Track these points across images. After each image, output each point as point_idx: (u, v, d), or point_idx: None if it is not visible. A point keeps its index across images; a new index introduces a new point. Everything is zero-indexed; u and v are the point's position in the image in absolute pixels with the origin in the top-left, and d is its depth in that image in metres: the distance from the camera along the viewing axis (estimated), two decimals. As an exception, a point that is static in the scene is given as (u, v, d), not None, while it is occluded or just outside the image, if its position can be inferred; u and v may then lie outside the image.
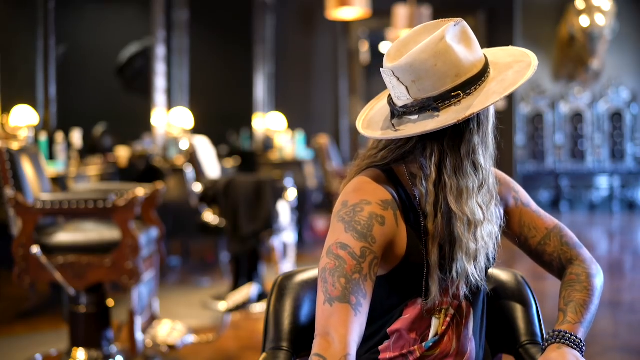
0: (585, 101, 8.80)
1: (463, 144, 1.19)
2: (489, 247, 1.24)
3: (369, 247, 1.14)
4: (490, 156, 1.24)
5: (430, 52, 1.14)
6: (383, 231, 1.16)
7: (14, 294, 4.16)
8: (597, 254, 6.28)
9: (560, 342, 1.19)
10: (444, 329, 1.24)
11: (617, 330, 3.71)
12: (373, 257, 1.14)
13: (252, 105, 7.45)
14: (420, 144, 1.21)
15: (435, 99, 1.16)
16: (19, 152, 2.81)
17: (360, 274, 1.12)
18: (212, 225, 4.34)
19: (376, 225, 1.16)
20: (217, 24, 7.48)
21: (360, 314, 1.10)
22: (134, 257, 2.73)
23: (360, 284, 1.11)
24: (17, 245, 2.72)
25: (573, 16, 8.46)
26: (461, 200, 1.19)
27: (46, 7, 4.38)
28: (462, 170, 1.19)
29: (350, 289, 1.10)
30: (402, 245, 1.20)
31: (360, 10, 5.35)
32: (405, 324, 1.24)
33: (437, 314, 1.24)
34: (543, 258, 1.37)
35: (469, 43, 1.19)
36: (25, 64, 4.39)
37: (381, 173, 1.24)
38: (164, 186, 3.34)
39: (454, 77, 1.16)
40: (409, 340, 1.25)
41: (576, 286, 1.31)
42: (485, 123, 1.23)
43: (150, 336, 3.11)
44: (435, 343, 1.25)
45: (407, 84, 1.17)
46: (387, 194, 1.20)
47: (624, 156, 8.80)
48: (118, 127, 5.77)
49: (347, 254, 1.13)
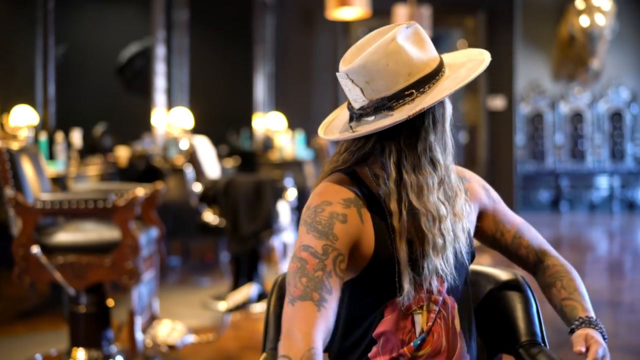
0: (585, 101, 8.80)
1: (419, 141, 1.22)
2: (461, 241, 1.26)
3: (330, 244, 1.16)
4: (449, 153, 1.26)
5: (381, 53, 1.17)
6: (345, 228, 1.18)
7: (14, 294, 4.16)
8: (597, 254, 6.28)
9: (590, 327, 1.24)
10: (430, 325, 1.24)
11: (617, 330, 3.71)
12: (337, 254, 1.16)
13: (252, 105, 7.45)
14: (379, 144, 1.23)
15: (389, 99, 1.19)
16: (19, 152, 2.81)
17: (323, 271, 1.13)
18: (212, 225, 4.34)
19: (337, 223, 1.18)
20: (217, 24, 7.48)
21: (324, 309, 1.10)
22: (134, 257, 2.73)
23: (323, 281, 1.12)
24: (17, 245, 2.72)
25: (573, 16, 8.46)
26: (422, 196, 1.21)
27: (46, 7, 4.38)
28: (420, 167, 1.21)
29: (312, 286, 1.12)
30: (369, 244, 1.22)
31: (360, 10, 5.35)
32: (389, 325, 1.24)
33: (418, 310, 1.24)
34: (519, 252, 1.41)
35: (422, 44, 1.21)
36: (25, 64, 4.39)
37: (344, 176, 1.27)
38: (164, 186, 3.34)
39: (406, 76, 1.19)
40: (396, 342, 1.24)
41: (567, 275, 1.36)
42: (441, 120, 1.24)
43: (150, 336, 3.11)
44: (424, 341, 1.24)
45: (362, 86, 1.20)
46: (350, 193, 1.23)
47: (624, 156, 8.80)
48: (118, 127, 5.77)
49: (309, 254, 1.15)
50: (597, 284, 4.95)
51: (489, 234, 1.40)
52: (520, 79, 8.50)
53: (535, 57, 8.75)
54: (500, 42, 8.13)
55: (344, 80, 1.23)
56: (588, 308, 1.30)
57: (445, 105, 1.25)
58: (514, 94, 8.23)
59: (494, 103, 8.21)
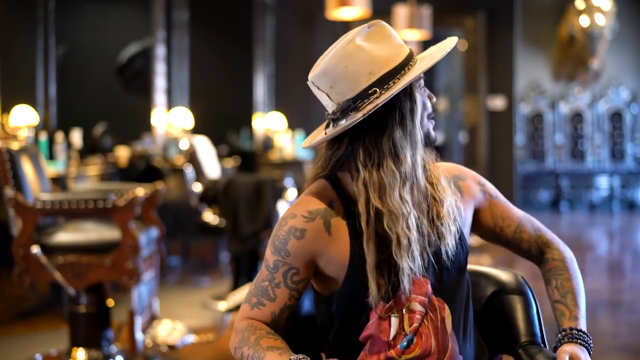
0: (585, 101, 8.80)
1: (385, 139, 1.21)
2: (446, 241, 1.24)
3: (281, 260, 1.24)
4: (419, 148, 1.24)
5: (339, 56, 1.18)
6: (300, 244, 1.23)
7: (14, 294, 4.16)
8: (597, 254, 6.28)
9: (573, 341, 1.25)
10: (416, 326, 1.23)
11: (617, 330, 3.71)
12: (287, 268, 1.24)
13: (252, 105, 7.44)
14: (350, 147, 1.24)
15: (354, 100, 1.19)
16: (19, 152, 2.81)
17: (270, 282, 1.25)
18: (212, 225, 4.34)
19: (292, 239, 1.24)
20: (217, 24, 7.48)
21: (258, 309, 1.26)
22: (134, 257, 2.73)
23: (267, 290, 1.25)
24: (17, 245, 2.72)
25: (573, 16, 8.46)
26: (385, 195, 1.20)
27: (46, 7, 4.38)
28: (384, 165, 1.21)
29: (254, 292, 1.27)
30: (342, 252, 1.24)
31: (360, 10, 5.34)
32: (374, 328, 1.24)
33: (396, 313, 1.23)
34: (521, 246, 1.40)
35: (385, 41, 1.21)
36: (25, 64, 4.39)
37: (326, 183, 1.29)
38: (164, 186, 3.34)
39: (367, 75, 1.19)
40: (382, 345, 1.24)
41: (564, 274, 1.35)
42: (408, 115, 1.22)
43: (150, 336, 3.11)
44: (411, 343, 1.23)
45: (327, 91, 1.22)
46: (321, 204, 1.25)
47: (624, 156, 8.80)
48: (118, 127, 5.77)
49: (265, 267, 1.27)
50: (597, 284, 4.95)
51: (489, 230, 1.39)
52: (520, 79, 8.49)
53: (535, 57, 8.75)
54: (500, 42, 8.13)
55: (312, 88, 1.25)
56: (577, 315, 1.29)
57: (415, 99, 1.23)
58: (514, 94, 8.23)
59: (494, 103, 8.21)
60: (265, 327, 1.25)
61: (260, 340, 1.21)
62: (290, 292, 1.25)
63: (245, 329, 1.24)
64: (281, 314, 1.26)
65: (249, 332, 1.23)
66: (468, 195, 1.35)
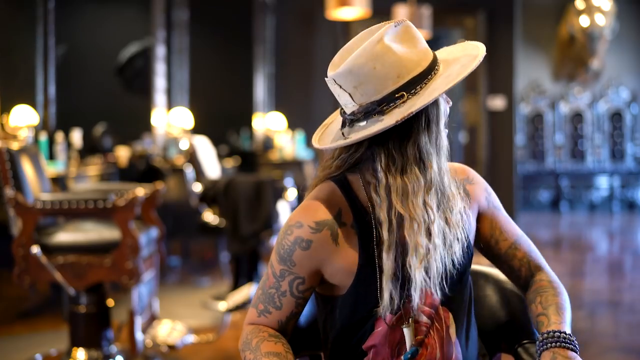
0: (585, 101, 8.80)
1: (409, 144, 1.16)
2: (455, 251, 1.21)
3: (287, 269, 1.23)
4: (443, 154, 1.20)
5: (367, 56, 1.12)
6: (307, 254, 1.21)
7: (14, 294, 4.16)
8: (597, 254, 6.28)
9: (554, 345, 1.18)
10: (422, 338, 1.21)
11: (617, 330, 3.71)
12: (293, 278, 1.23)
13: (252, 105, 7.44)
14: (369, 150, 1.19)
15: (379, 103, 1.14)
16: (19, 152, 2.81)
17: (277, 290, 1.24)
18: (212, 225, 4.34)
19: (298, 250, 1.21)
20: (217, 24, 7.48)
21: (264, 317, 1.26)
22: (134, 257, 2.73)
23: (274, 297, 1.25)
24: (17, 245, 2.72)
25: (573, 16, 8.46)
26: (407, 200, 1.16)
27: (46, 7, 4.38)
28: (409, 171, 1.16)
29: (261, 299, 1.26)
30: (350, 261, 1.21)
31: (360, 10, 5.34)
32: (379, 338, 1.22)
33: (407, 323, 1.21)
34: (512, 262, 1.34)
35: (412, 42, 1.16)
36: (25, 64, 4.39)
37: (335, 187, 1.24)
38: (164, 186, 3.34)
39: (395, 78, 1.13)
40: (386, 355, 1.22)
41: (550, 291, 1.29)
42: (434, 120, 1.19)
43: (150, 336, 3.11)
44: (416, 354, 1.21)
45: (350, 91, 1.16)
46: (328, 214, 1.21)
47: (624, 156, 8.80)
48: (118, 127, 5.77)
49: (271, 273, 1.25)
50: (597, 284, 4.95)
51: (483, 239, 1.34)
52: (520, 79, 8.49)
53: (535, 57, 8.75)
54: (500, 42, 8.13)
55: (332, 85, 1.19)
56: (560, 320, 1.22)
57: (440, 105, 1.19)
58: (514, 94, 8.23)
59: (494, 103, 8.21)
60: (268, 330, 1.24)
61: (261, 344, 1.21)
62: (296, 301, 1.25)
63: (250, 332, 1.26)
64: (288, 321, 1.26)
65: (252, 335, 1.25)
66: (474, 199, 1.31)
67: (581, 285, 4.79)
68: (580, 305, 4.21)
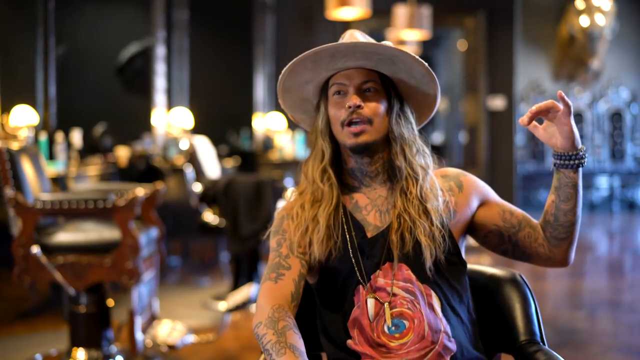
0: (585, 101, 8.80)
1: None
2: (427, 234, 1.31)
3: (282, 237, 1.39)
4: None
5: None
6: (292, 224, 1.39)
7: (14, 294, 4.16)
8: (597, 254, 6.28)
9: (568, 164, 1.29)
10: (401, 310, 1.28)
11: (617, 330, 3.71)
12: (289, 243, 1.37)
13: (252, 105, 7.45)
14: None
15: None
16: (19, 152, 2.81)
17: (279, 257, 1.36)
18: (212, 225, 4.34)
19: (285, 221, 1.41)
20: (217, 24, 7.48)
21: (281, 280, 1.32)
22: (134, 257, 2.73)
23: (280, 263, 1.35)
24: (17, 245, 2.72)
25: (573, 16, 8.46)
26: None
27: (46, 7, 4.38)
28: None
29: (270, 270, 1.35)
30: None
31: (360, 10, 5.34)
32: (357, 310, 1.31)
33: (371, 294, 1.30)
34: (529, 228, 1.40)
35: None
36: (25, 64, 4.38)
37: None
38: (164, 186, 3.34)
39: None
40: (366, 327, 1.29)
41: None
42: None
43: (150, 336, 3.11)
44: (404, 328, 1.27)
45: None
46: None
47: (624, 156, 8.80)
48: (118, 127, 5.77)
49: (271, 250, 1.39)
50: (597, 284, 4.95)
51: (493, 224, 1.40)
52: (520, 79, 8.50)
53: (535, 57, 8.75)
54: (500, 42, 8.13)
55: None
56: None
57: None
58: (514, 94, 8.24)
59: (494, 103, 8.21)
60: (292, 318, 1.27)
61: (287, 332, 1.22)
62: (300, 261, 1.35)
63: (276, 310, 1.27)
64: (299, 282, 1.33)
65: (279, 314, 1.26)
66: (471, 188, 1.41)
67: (581, 285, 4.80)
68: (580, 305, 4.21)
